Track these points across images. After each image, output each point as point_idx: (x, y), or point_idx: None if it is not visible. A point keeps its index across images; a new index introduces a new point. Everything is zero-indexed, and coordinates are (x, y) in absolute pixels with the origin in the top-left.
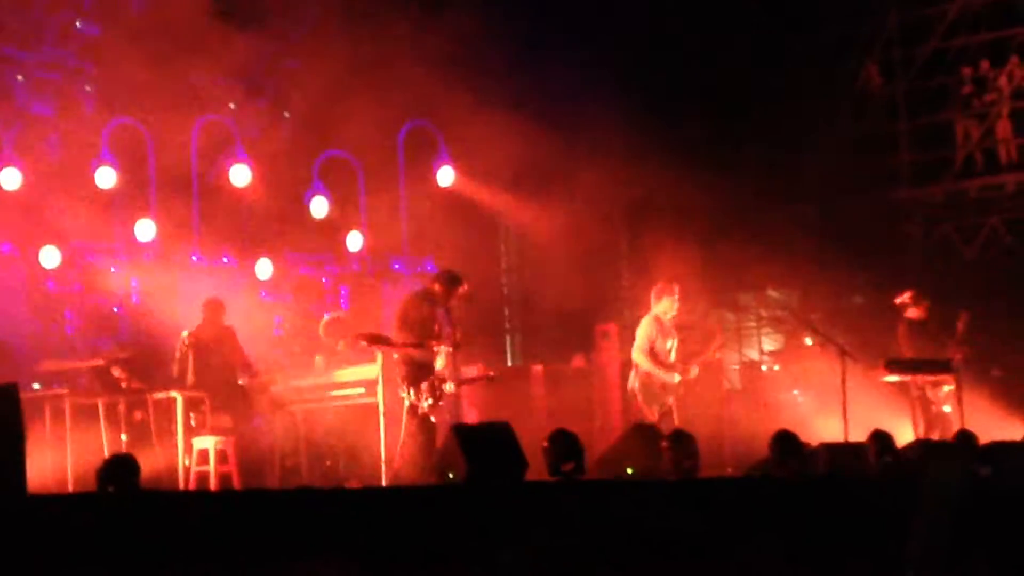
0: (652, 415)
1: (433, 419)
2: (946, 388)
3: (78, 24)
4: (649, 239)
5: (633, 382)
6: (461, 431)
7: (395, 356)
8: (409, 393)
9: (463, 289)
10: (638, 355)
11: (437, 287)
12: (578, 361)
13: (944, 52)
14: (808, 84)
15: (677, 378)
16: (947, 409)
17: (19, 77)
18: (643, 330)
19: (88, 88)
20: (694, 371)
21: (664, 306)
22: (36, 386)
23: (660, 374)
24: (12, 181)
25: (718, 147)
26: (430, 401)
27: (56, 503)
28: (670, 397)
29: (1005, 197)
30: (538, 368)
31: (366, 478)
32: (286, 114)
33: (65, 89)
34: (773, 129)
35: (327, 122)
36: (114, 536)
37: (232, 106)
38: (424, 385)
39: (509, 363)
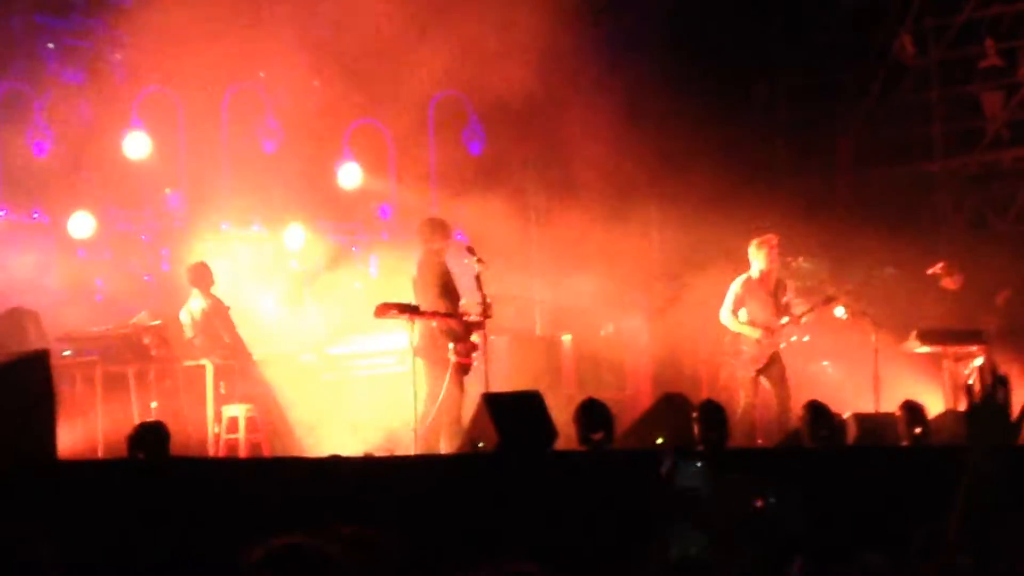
0: (745, 376)
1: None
2: (976, 361)
3: None
4: (679, 207)
5: (726, 344)
6: (491, 400)
7: (432, 323)
8: (456, 349)
9: (445, 235)
10: (723, 316)
11: (433, 237)
12: (607, 331)
13: (978, 23)
14: (840, 53)
15: (757, 333)
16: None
17: (50, 44)
18: (730, 291)
19: (119, 56)
20: (783, 320)
21: (760, 263)
22: (66, 353)
23: (748, 332)
24: (42, 148)
25: (748, 115)
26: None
27: (86, 469)
28: (771, 355)
29: None
30: (568, 337)
31: (396, 448)
32: (316, 83)
33: (96, 57)
34: (804, 98)
35: (357, 91)
36: (144, 502)
37: (262, 74)
38: (467, 342)
39: (538, 332)
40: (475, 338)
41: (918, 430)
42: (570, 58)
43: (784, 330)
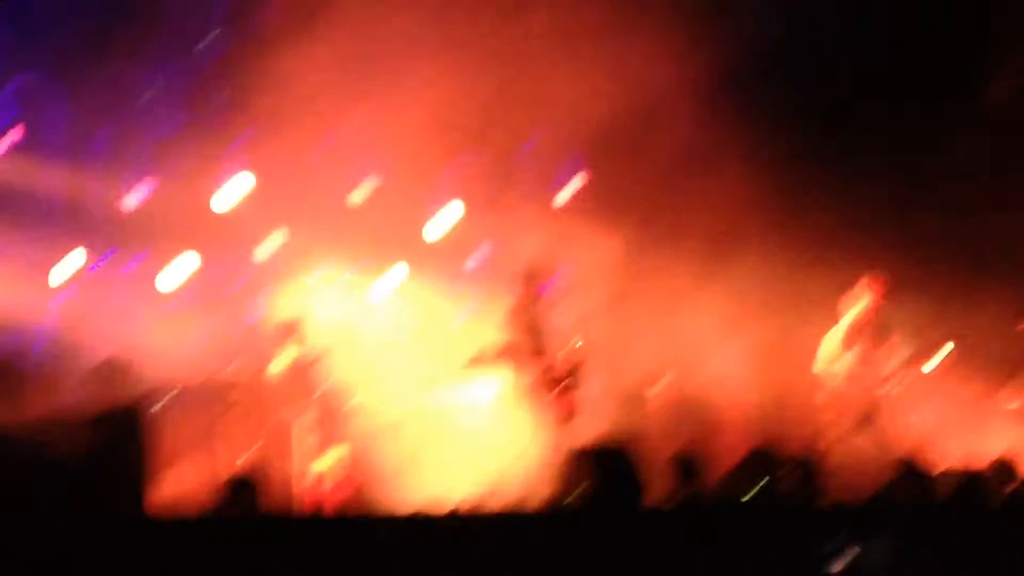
0: (843, 427)
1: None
2: None
3: None
4: (777, 253)
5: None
6: (581, 453)
7: (521, 370)
8: (555, 399)
9: (541, 281)
10: (822, 365)
11: (527, 286)
12: (704, 378)
13: None
14: (932, 98)
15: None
16: None
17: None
18: (829, 339)
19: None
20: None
21: (863, 307)
22: (157, 406)
23: (846, 382)
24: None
25: (839, 161)
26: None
27: (177, 525)
28: (871, 405)
29: None
30: (662, 385)
31: (482, 500)
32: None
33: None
34: (897, 143)
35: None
36: (234, 559)
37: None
38: (557, 394)
39: (631, 380)
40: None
41: (1012, 487)
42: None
43: (886, 380)
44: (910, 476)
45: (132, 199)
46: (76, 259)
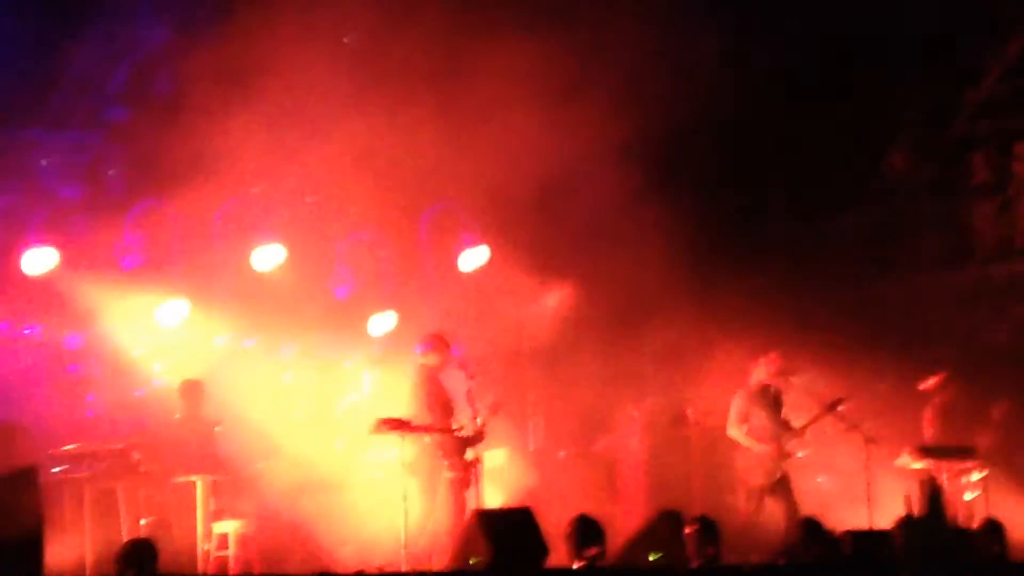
0: (756, 486)
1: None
2: (974, 476)
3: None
4: (672, 324)
5: (739, 457)
6: (483, 515)
7: (425, 438)
8: (451, 468)
9: (446, 346)
10: (730, 429)
11: (433, 355)
12: (601, 445)
13: (970, 139)
14: (832, 166)
15: (765, 448)
16: (968, 497)
17: (44, 161)
18: (734, 404)
19: (112, 172)
20: (792, 445)
21: (759, 375)
22: (56, 469)
23: (754, 446)
24: (39, 264)
25: (741, 228)
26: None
27: None
28: (781, 467)
29: None
30: (561, 453)
31: (387, 563)
32: (308, 199)
33: (92, 171)
34: (797, 210)
35: (350, 204)
36: None
37: (255, 190)
38: (466, 459)
39: (531, 447)
40: (469, 454)
41: (915, 545)
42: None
43: (792, 444)
44: (813, 535)
45: (31, 264)
46: None
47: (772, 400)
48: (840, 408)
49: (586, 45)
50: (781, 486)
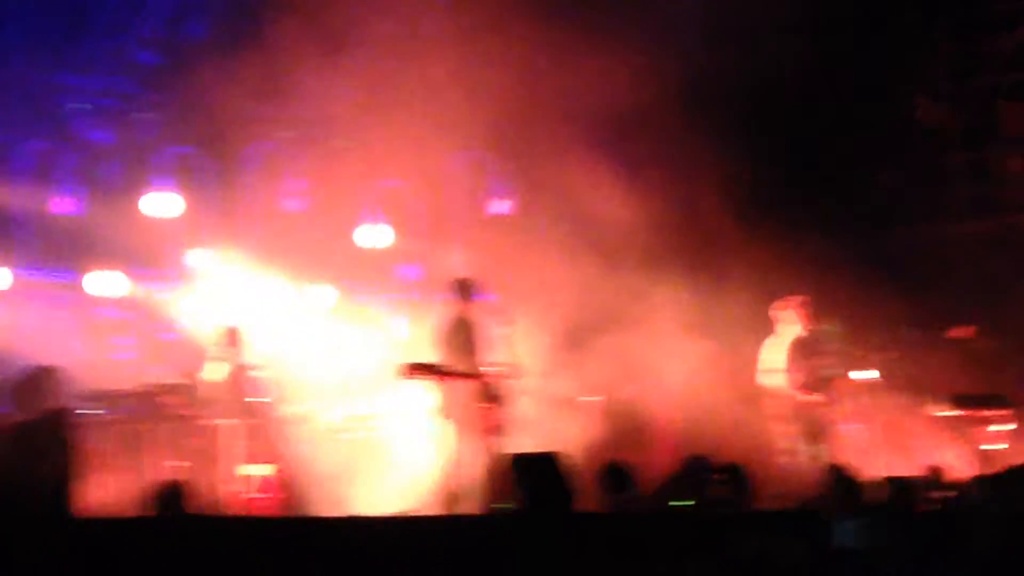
0: (783, 434)
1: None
2: (1006, 425)
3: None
4: (704, 270)
5: (767, 405)
6: (512, 460)
7: (455, 384)
8: (480, 413)
9: (474, 293)
10: (759, 376)
11: (459, 298)
12: (633, 393)
13: (997, 87)
14: (860, 116)
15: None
16: (998, 446)
17: (77, 104)
18: (764, 351)
19: (145, 115)
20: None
21: (791, 324)
22: (86, 411)
23: (782, 394)
24: (70, 207)
25: (771, 178)
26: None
27: (104, 527)
28: (809, 415)
29: None
30: (593, 399)
31: (416, 507)
32: (343, 142)
33: (123, 116)
34: (826, 160)
35: (385, 151)
36: (161, 560)
37: (289, 135)
38: (496, 404)
39: (566, 393)
40: (498, 400)
41: (942, 493)
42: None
43: (819, 393)
44: (843, 483)
45: (63, 208)
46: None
47: (802, 348)
48: (862, 365)
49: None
50: (809, 434)
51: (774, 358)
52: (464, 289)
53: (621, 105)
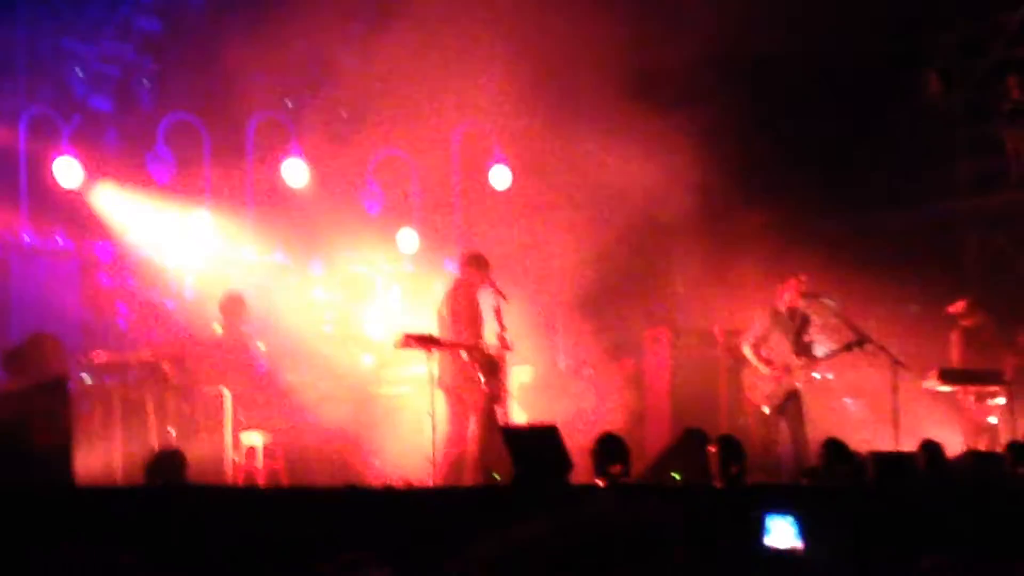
0: (761, 407)
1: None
2: (999, 400)
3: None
4: (704, 245)
5: (744, 376)
6: (508, 432)
7: (463, 353)
8: (478, 384)
9: (477, 264)
10: (744, 346)
11: (470, 271)
12: (628, 365)
13: (1005, 63)
14: (865, 93)
15: (771, 371)
16: (993, 420)
17: (78, 71)
18: (754, 324)
19: (146, 83)
20: (798, 361)
21: (786, 299)
22: (86, 379)
23: (760, 367)
24: (69, 174)
25: (774, 155)
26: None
27: (103, 495)
28: (789, 392)
29: None
30: (588, 371)
31: (414, 477)
32: (342, 113)
33: (123, 83)
34: (830, 136)
35: (383, 121)
36: (160, 529)
37: (289, 104)
38: (501, 375)
39: (560, 365)
40: (495, 372)
41: (937, 469)
42: (597, 89)
43: (803, 369)
44: (837, 456)
45: (63, 175)
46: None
47: (793, 323)
48: (861, 348)
49: None
50: (787, 409)
51: (757, 329)
52: (472, 262)
53: (630, 81)
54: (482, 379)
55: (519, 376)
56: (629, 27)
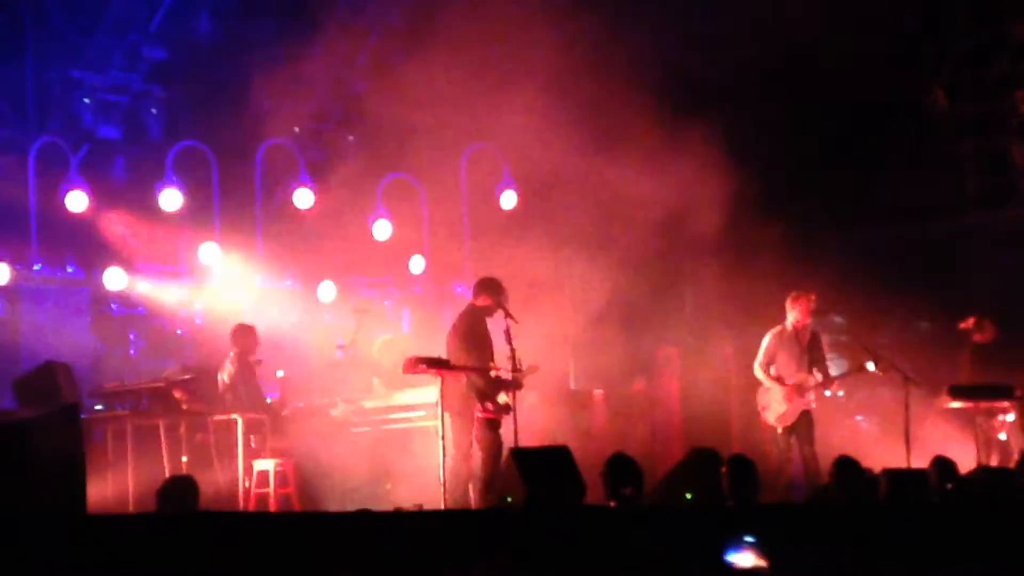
0: (776, 427)
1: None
2: (1010, 416)
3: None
4: (714, 265)
5: (758, 397)
6: (520, 454)
7: (470, 377)
8: (485, 406)
9: (506, 294)
10: (755, 368)
11: (485, 298)
12: (639, 385)
13: (1012, 75)
14: (874, 107)
15: (783, 392)
16: (1003, 437)
17: (86, 100)
18: (763, 343)
19: (154, 111)
20: (812, 380)
21: (795, 317)
22: (98, 407)
23: (771, 386)
24: (79, 203)
25: (784, 171)
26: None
27: (116, 524)
28: (801, 411)
29: None
30: (599, 392)
31: (425, 501)
32: (350, 138)
33: (131, 112)
34: (839, 152)
35: (391, 145)
36: (173, 557)
37: (296, 130)
38: (500, 398)
39: (572, 387)
40: (503, 397)
41: (950, 486)
42: (601, 110)
43: (816, 388)
44: (849, 474)
45: (73, 204)
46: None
47: (801, 342)
48: (871, 370)
49: None
50: (798, 428)
51: (766, 349)
52: (485, 287)
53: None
54: (483, 403)
55: (529, 398)
56: (636, 47)
